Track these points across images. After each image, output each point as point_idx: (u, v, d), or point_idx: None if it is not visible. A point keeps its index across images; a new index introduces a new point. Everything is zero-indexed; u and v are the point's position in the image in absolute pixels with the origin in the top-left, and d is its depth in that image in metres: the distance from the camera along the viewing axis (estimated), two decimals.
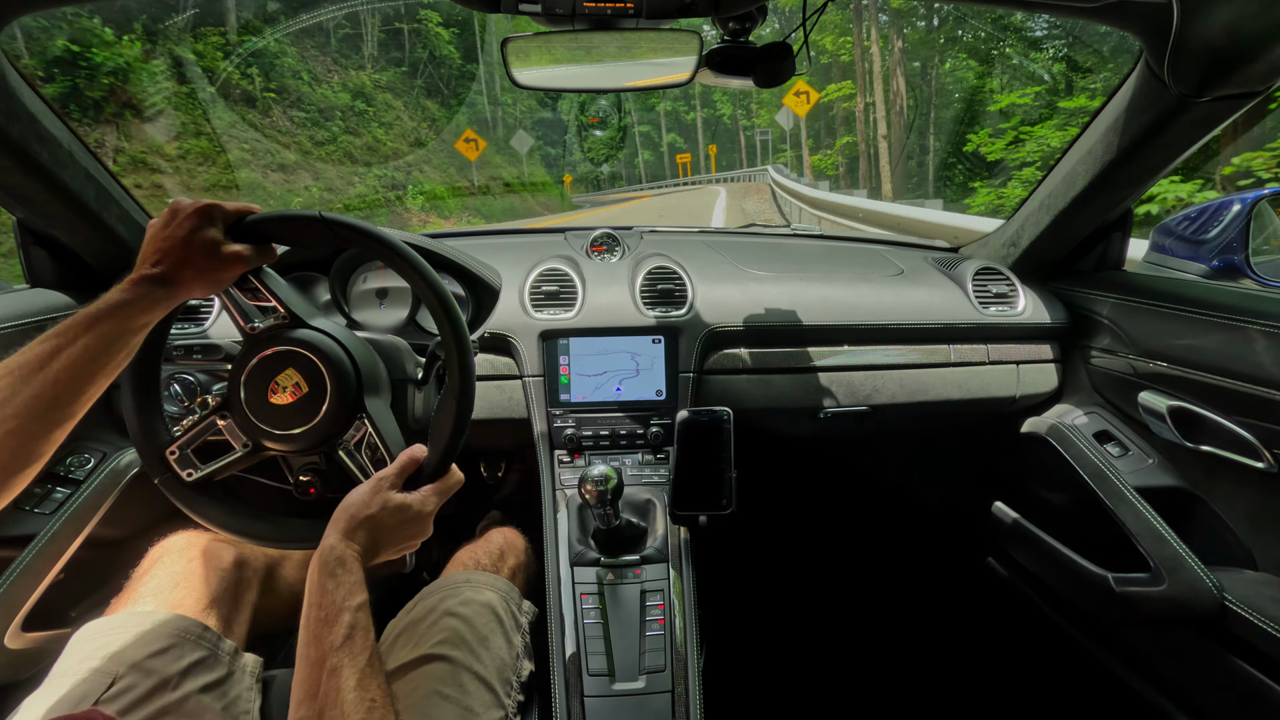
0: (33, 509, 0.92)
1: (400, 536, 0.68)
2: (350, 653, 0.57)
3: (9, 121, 0.84)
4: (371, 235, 0.71)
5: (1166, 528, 1.00)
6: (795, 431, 1.35)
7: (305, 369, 0.71)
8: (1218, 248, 1.15)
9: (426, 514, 0.69)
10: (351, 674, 0.56)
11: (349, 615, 0.59)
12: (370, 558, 0.66)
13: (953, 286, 1.29)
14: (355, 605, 0.60)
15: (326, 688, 0.56)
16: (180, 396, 1.02)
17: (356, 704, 0.55)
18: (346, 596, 0.60)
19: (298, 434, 0.71)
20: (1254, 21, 0.74)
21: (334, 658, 0.57)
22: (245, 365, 0.71)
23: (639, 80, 0.95)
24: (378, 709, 0.56)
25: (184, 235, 0.65)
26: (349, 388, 0.72)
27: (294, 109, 14.89)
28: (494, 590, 0.85)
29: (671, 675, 0.84)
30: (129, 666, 0.67)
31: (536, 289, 1.16)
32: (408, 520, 0.67)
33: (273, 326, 0.73)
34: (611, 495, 0.88)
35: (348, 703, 0.55)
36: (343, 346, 0.73)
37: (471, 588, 0.84)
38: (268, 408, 0.71)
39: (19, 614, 0.86)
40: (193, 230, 0.65)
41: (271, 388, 0.71)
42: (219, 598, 0.82)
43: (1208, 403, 0.97)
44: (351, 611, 0.59)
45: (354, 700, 0.55)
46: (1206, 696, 1.03)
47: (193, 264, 0.66)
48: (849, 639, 1.53)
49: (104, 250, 1.07)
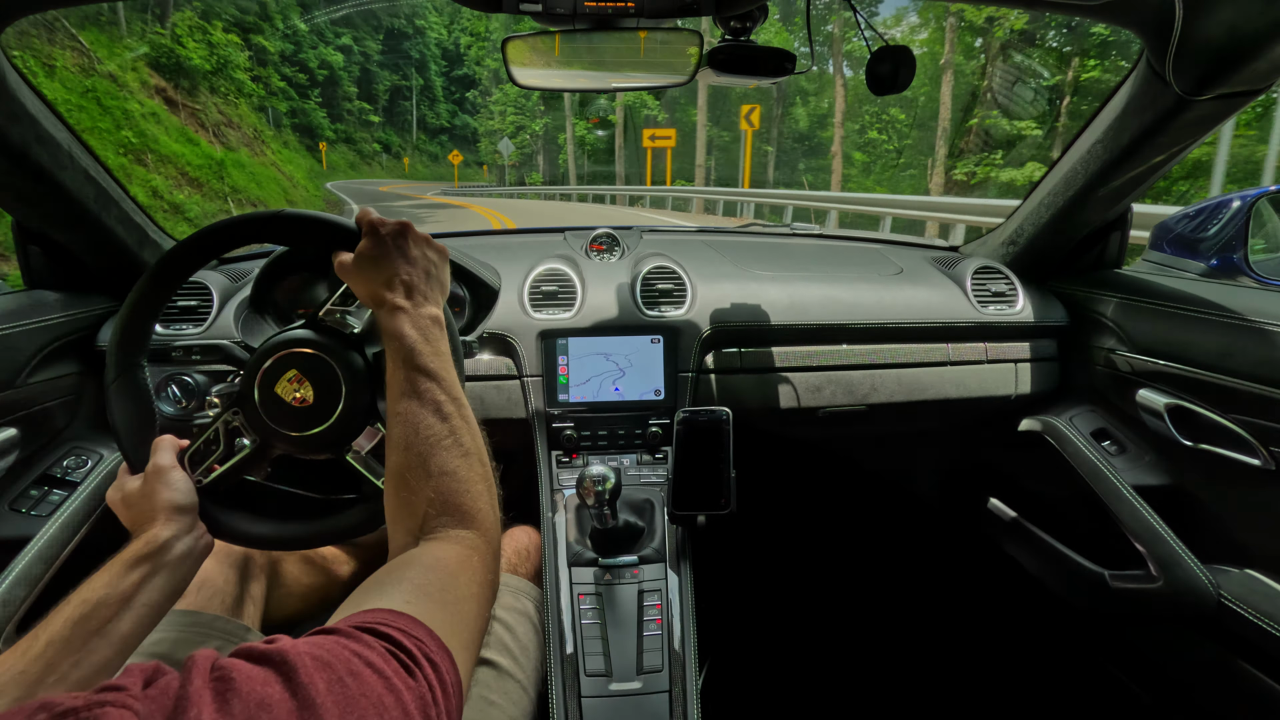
0: (29, 511, 0.92)
1: (417, 261, 0.66)
2: (439, 388, 0.59)
3: (9, 123, 0.84)
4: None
5: (1163, 525, 1.00)
6: (794, 431, 1.35)
7: (307, 367, 0.70)
8: (1216, 246, 1.15)
9: (409, 229, 0.67)
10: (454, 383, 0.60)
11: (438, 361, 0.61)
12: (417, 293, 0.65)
13: (951, 285, 1.29)
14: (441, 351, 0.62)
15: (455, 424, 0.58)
16: (179, 397, 1.02)
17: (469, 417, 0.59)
18: (437, 346, 0.62)
19: (307, 437, 0.70)
20: (1256, 20, 0.73)
21: (427, 386, 0.58)
22: (259, 366, 0.71)
23: (639, 80, 0.95)
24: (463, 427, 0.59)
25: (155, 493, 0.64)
26: (360, 392, 0.71)
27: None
28: (530, 599, 0.88)
29: (669, 675, 0.85)
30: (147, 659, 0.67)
31: (536, 289, 1.16)
32: (397, 239, 0.65)
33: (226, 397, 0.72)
34: (609, 495, 0.88)
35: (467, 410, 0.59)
36: (359, 353, 0.72)
37: (511, 593, 0.86)
38: (287, 411, 0.71)
39: (14, 618, 0.86)
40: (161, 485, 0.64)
41: (289, 384, 0.71)
42: (227, 592, 0.82)
43: (1205, 401, 0.98)
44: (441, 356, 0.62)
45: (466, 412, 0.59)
46: (1203, 693, 1.04)
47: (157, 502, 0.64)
48: (847, 638, 1.53)
49: (103, 251, 1.07)
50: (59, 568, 0.91)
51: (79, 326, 1.04)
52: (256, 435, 0.72)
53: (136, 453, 0.70)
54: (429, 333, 0.61)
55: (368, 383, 0.72)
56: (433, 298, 0.65)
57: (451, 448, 0.56)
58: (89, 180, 0.98)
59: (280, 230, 0.70)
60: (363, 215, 0.67)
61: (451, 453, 0.56)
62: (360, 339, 0.74)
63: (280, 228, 0.70)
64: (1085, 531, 1.17)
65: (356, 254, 0.64)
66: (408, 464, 0.55)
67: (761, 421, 1.22)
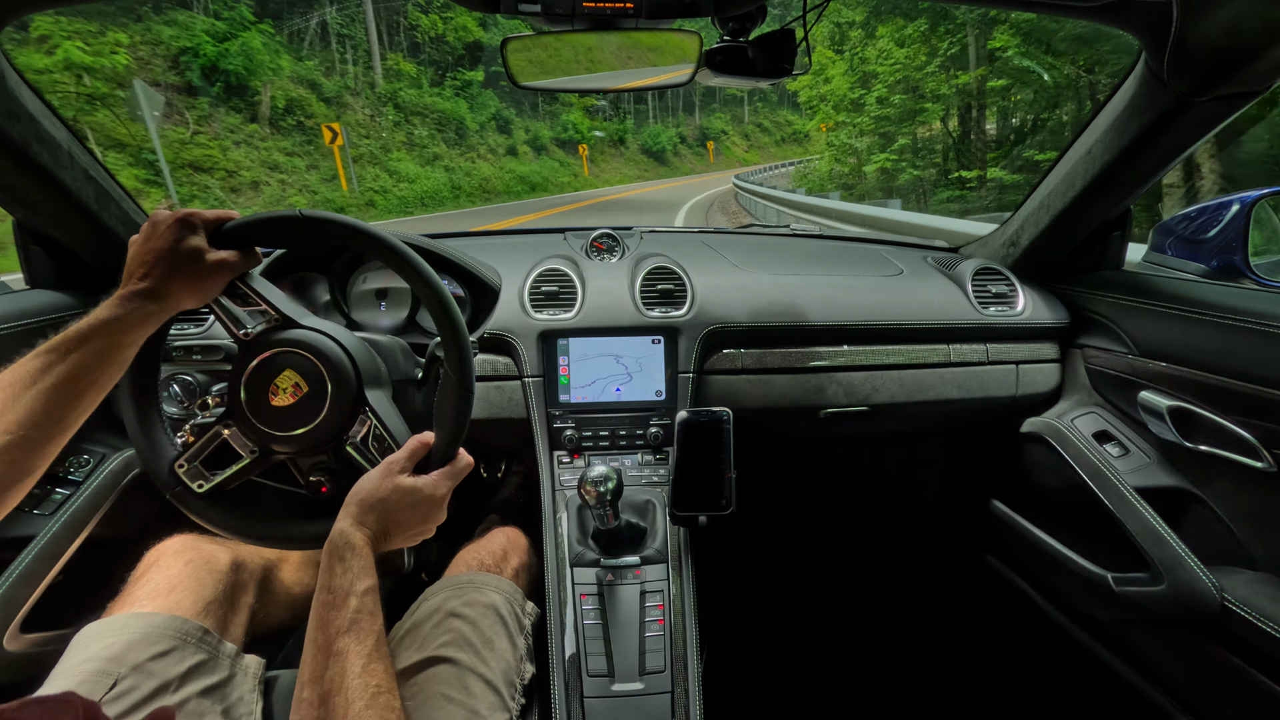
0: (32, 510, 0.92)
1: (412, 520, 0.68)
2: (356, 637, 0.57)
3: (9, 122, 0.84)
4: (351, 227, 0.70)
5: (1166, 527, 1.00)
6: (795, 431, 1.35)
7: (303, 368, 0.71)
8: (1217, 247, 1.15)
9: (439, 498, 0.69)
10: (357, 659, 0.56)
11: (355, 600, 0.59)
12: (382, 543, 0.66)
13: (952, 286, 1.29)
14: (362, 590, 0.60)
15: (332, 672, 0.56)
16: (180, 397, 1.02)
17: (361, 689, 0.55)
18: (354, 581, 0.60)
19: (303, 434, 0.71)
20: (1254, 21, 0.74)
21: (340, 641, 0.57)
22: (243, 371, 0.71)
23: (639, 80, 0.95)
24: (383, 694, 0.56)
25: (167, 247, 0.65)
26: (348, 382, 0.72)
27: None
28: (498, 592, 0.85)
29: (671, 676, 0.84)
30: (130, 668, 0.67)
31: (536, 289, 1.16)
32: (419, 504, 0.68)
33: (266, 330, 0.73)
34: (611, 496, 0.88)
35: (352, 688, 0.55)
36: (338, 343, 0.73)
37: (475, 589, 0.84)
38: (270, 411, 0.71)
39: (18, 616, 0.86)
40: (175, 241, 0.65)
41: (271, 390, 0.71)
42: (217, 600, 0.81)
43: (1207, 402, 0.98)
44: (358, 596, 0.59)
45: (359, 686, 0.55)
46: (1205, 696, 1.03)
47: (179, 275, 0.65)
48: (849, 639, 1.53)
49: (103, 251, 1.07)
50: (62, 566, 0.91)
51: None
52: (254, 445, 0.73)
53: (155, 454, 0.72)
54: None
55: (352, 371, 0.72)
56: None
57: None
58: (89, 180, 0.98)
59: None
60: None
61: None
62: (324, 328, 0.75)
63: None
64: (1087, 534, 1.17)
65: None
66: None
67: (762, 422, 1.22)
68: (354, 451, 0.73)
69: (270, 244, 0.75)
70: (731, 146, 43.47)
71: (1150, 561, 0.99)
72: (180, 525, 0.83)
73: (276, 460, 0.74)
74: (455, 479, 0.71)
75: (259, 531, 0.74)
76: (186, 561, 0.83)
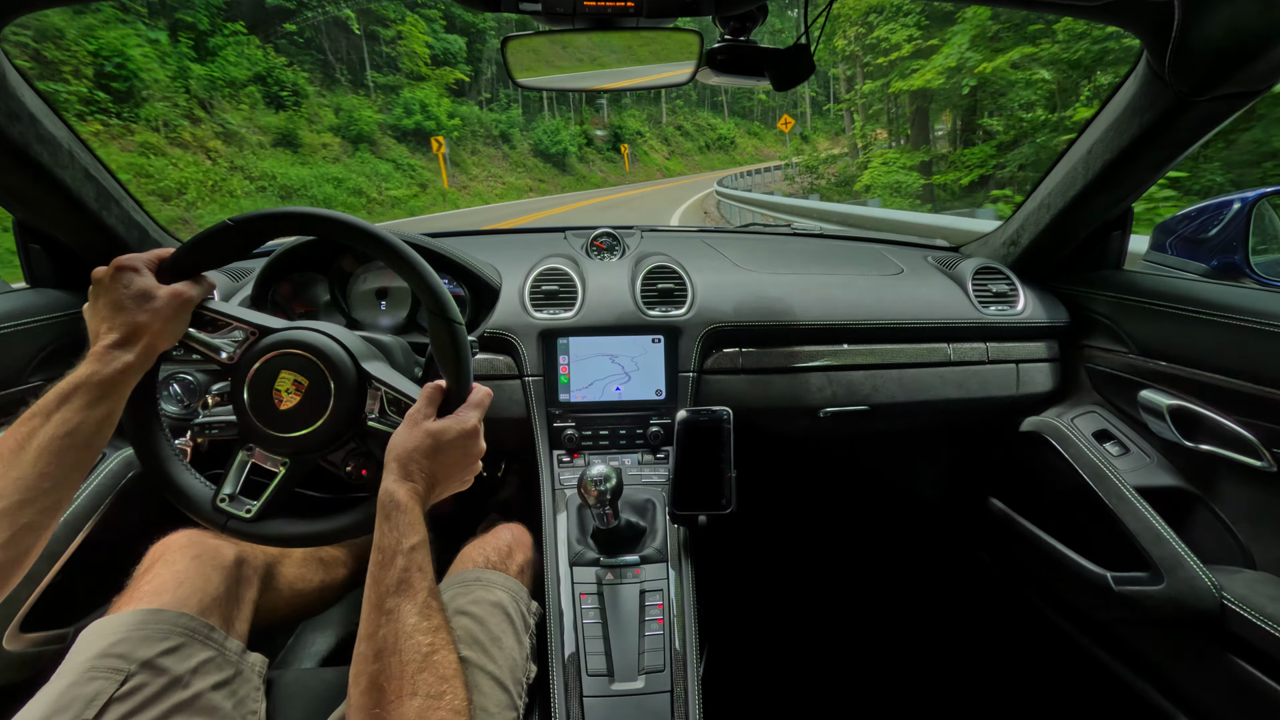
0: None
1: (455, 459, 0.68)
2: (406, 595, 0.58)
3: (9, 122, 0.84)
4: (270, 215, 0.70)
5: (1166, 527, 1.00)
6: (795, 431, 1.35)
7: (296, 365, 0.71)
8: (1217, 247, 1.15)
9: (472, 429, 0.69)
10: (408, 617, 0.57)
11: (402, 558, 0.60)
12: (434, 492, 0.67)
13: (952, 285, 1.29)
14: (409, 546, 0.61)
15: (385, 630, 0.56)
16: (180, 396, 1.02)
17: (414, 650, 0.56)
18: (400, 538, 0.61)
19: (321, 425, 0.71)
20: (1255, 21, 0.73)
21: (390, 600, 0.58)
22: (241, 389, 0.71)
23: (639, 79, 0.95)
24: (437, 651, 0.56)
25: (117, 296, 0.65)
26: (344, 363, 0.72)
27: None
28: (505, 590, 0.85)
29: (670, 675, 0.84)
30: (140, 665, 0.67)
31: (536, 288, 1.16)
32: (454, 441, 0.68)
33: (246, 345, 0.73)
34: (611, 495, 0.88)
35: (405, 649, 0.55)
36: (318, 331, 0.73)
37: (483, 586, 0.84)
38: (281, 416, 0.71)
39: (18, 615, 0.86)
40: (123, 287, 0.65)
41: (275, 397, 0.71)
42: (221, 596, 0.81)
43: (1208, 402, 0.97)
44: (405, 554, 0.60)
45: (411, 647, 0.56)
46: (1206, 696, 1.03)
47: (140, 319, 0.65)
48: (849, 639, 1.53)
49: (103, 250, 1.07)
50: (62, 565, 0.91)
51: (81, 326, 1.04)
52: (283, 457, 0.73)
53: (193, 499, 0.73)
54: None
55: (344, 352, 0.72)
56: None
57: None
58: (89, 179, 0.98)
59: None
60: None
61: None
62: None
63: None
64: (1087, 533, 1.17)
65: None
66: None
67: (762, 421, 1.22)
68: (376, 424, 0.72)
69: (217, 262, 0.74)
70: (650, 151, 37.08)
71: (1150, 561, 0.99)
72: (182, 522, 0.83)
73: (310, 464, 0.74)
74: (480, 408, 0.71)
75: (325, 531, 0.73)
76: (193, 557, 0.83)
